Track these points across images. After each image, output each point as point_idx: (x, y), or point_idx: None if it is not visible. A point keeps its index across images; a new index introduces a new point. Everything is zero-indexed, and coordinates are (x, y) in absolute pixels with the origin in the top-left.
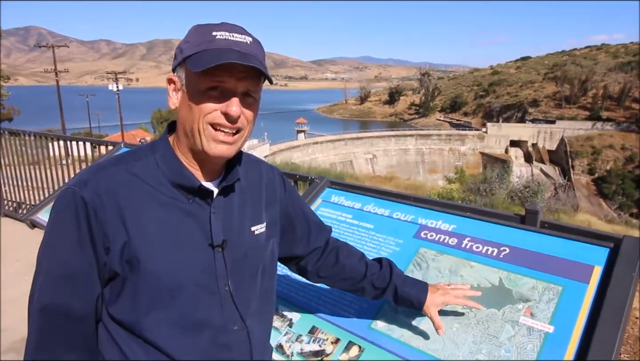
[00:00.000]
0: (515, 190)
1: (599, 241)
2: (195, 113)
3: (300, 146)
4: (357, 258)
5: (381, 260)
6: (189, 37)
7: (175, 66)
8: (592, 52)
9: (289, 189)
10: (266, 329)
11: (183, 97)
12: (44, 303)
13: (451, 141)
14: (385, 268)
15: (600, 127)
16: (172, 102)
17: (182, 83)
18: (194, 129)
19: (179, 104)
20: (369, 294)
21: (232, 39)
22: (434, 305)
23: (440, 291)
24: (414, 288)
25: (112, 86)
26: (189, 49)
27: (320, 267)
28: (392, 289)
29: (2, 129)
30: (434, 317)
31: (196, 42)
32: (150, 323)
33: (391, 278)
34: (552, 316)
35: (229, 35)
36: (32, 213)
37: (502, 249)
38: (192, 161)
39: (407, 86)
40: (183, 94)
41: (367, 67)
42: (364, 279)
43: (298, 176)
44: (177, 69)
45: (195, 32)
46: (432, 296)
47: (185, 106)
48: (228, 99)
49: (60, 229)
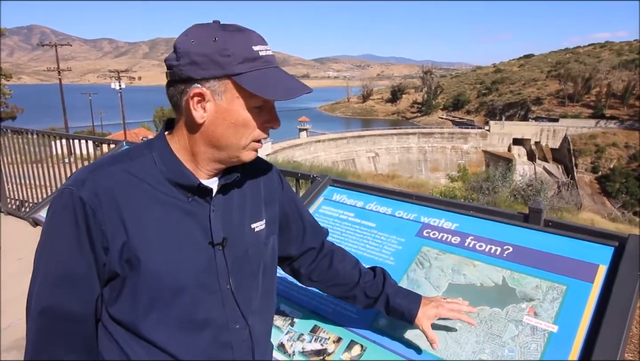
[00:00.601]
0: (518, 188)
1: (604, 240)
2: (239, 129)
3: (303, 144)
4: (352, 265)
5: (375, 268)
6: (223, 44)
7: (205, 77)
8: (596, 49)
9: (286, 187)
10: (267, 327)
11: (218, 112)
12: (42, 305)
13: (453, 139)
14: (378, 276)
15: (604, 125)
16: (199, 115)
17: (220, 98)
18: (234, 144)
19: (211, 118)
20: (361, 302)
21: (271, 54)
22: (426, 317)
23: (433, 304)
24: (405, 300)
25: (114, 84)
26: (234, 65)
27: (314, 270)
28: (384, 299)
29: (5, 128)
30: (427, 330)
31: (240, 56)
32: (150, 322)
33: (384, 287)
34: (556, 316)
35: (267, 51)
36: (34, 211)
37: (505, 248)
38: (191, 160)
39: (410, 84)
40: (217, 108)
41: (369, 66)
42: (356, 287)
43: (300, 174)
44: (211, 81)
45: (231, 40)
46: (424, 309)
47: (224, 121)
48: (269, 112)
49: (58, 229)
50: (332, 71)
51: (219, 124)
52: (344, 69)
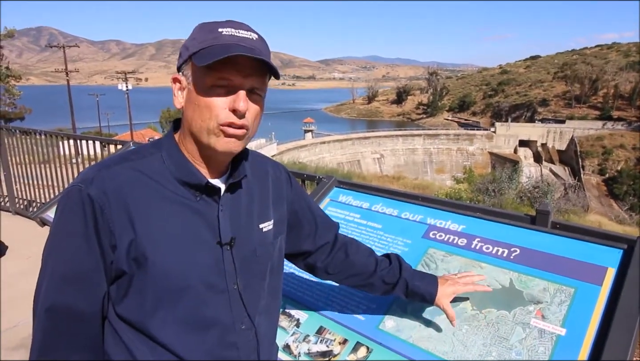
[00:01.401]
0: (525, 190)
1: (612, 242)
2: (203, 111)
3: (308, 145)
4: (367, 254)
5: (389, 255)
6: (195, 34)
7: (180, 64)
8: (603, 50)
9: (295, 185)
10: (273, 327)
11: (189, 96)
12: (49, 303)
13: (459, 141)
14: (394, 263)
15: (611, 127)
16: (177, 101)
17: (188, 81)
18: (201, 127)
19: (184, 103)
20: (379, 290)
21: (239, 35)
22: (445, 296)
23: (449, 282)
24: (423, 282)
25: (121, 85)
26: (195, 46)
27: (330, 263)
28: (402, 284)
29: (13, 128)
30: (447, 308)
31: (202, 38)
32: (157, 321)
33: (401, 272)
34: (564, 319)
35: (235, 32)
36: (42, 211)
37: (512, 250)
38: (198, 159)
39: (415, 86)
40: (189, 92)
41: (374, 67)
42: (374, 275)
43: (306, 175)
44: (183, 67)
45: (201, 29)
46: (442, 288)
47: (191, 104)
48: (234, 94)
49: (67, 227)
50: (338, 72)
51: (188, 107)
52: (349, 70)
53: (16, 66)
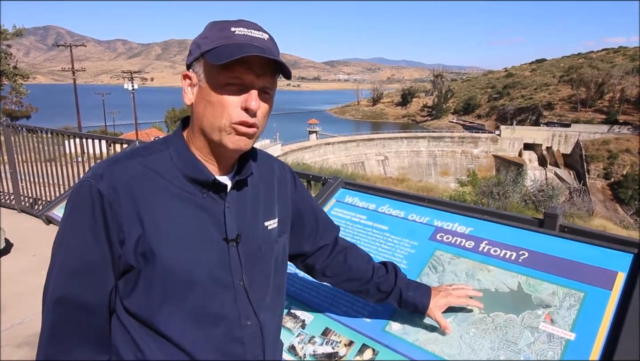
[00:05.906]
0: (529, 194)
1: (622, 246)
2: (215, 108)
3: (312, 146)
4: (365, 260)
5: (386, 264)
6: (207, 32)
7: (191, 61)
8: (609, 54)
9: (299, 186)
10: (277, 324)
11: (200, 93)
12: (58, 295)
13: (464, 144)
14: (390, 272)
15: (617, 131)
16: (187, 97)
17: (200, 78)
18: (213, 124)
19: (194, 100)
20: (373, 297)
21: (251, 35)
22: (437, 307)
23: (442, 293)
24: (417, 292)
25: (127, 85)
26: (208, 44)
27: (327, 266)
28: (396, 293)
29: (19, 127)
30: (439, 319)
31: (214, 37)
32: (163, 316)
33: (396, 282)
34: (573, 323)
35: (247, 32)
36: (47, 209)
37: (520, 253)
38: (206, 156)
39: (420, 88)
40: (200, 89)
41: (379, 69)
42: (370, 282)
43: (311, 176)
44: (194, 65)
45: (213, 28)
46: (435, 300)
47: (202, 101)
48: (247, 93)
49: (76, 221)
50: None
51: (199, 104)
52: (354, 72)
53: (23, 64)
